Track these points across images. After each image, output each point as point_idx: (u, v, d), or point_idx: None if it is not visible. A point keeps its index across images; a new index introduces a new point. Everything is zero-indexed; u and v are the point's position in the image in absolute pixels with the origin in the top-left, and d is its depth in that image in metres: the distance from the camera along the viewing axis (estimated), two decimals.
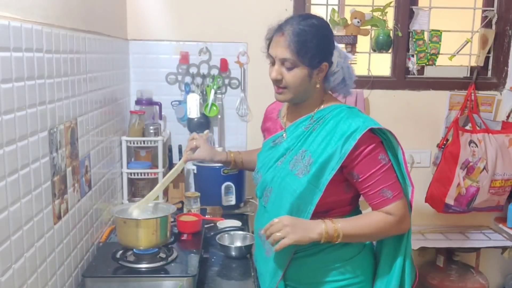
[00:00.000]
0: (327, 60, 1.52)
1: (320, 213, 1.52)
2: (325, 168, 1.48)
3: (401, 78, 2.78)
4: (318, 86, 1.54)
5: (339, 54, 1.55)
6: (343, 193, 1.56)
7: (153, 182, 2.44)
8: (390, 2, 2.70)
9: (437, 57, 2.77)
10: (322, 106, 1.58)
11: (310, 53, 1.47)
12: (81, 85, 1.72)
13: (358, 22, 2.65)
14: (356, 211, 1.65)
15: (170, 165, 2.55)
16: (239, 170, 2.50)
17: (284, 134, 1.63)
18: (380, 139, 1.51)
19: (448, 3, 2.79)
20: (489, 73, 2.86)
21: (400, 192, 1.51)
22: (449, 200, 2.63)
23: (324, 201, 1.50)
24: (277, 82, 1.53)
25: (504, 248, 2.76)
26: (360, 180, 1.49)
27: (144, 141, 2.39)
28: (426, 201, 2.74)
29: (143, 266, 1.69)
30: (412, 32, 2.75)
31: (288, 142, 1.59)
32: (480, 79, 2.81)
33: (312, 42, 1.47)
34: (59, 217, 1.52)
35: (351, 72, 1.60)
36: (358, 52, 2.69)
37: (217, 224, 2.27)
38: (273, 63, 1.53)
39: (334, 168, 1.47)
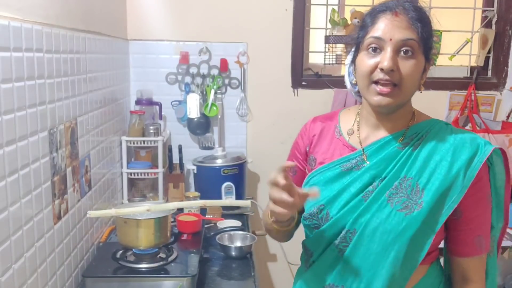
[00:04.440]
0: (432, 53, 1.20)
1: None
2: (444, 201, 1.14)
3: None
4: (422, 88, 1.22)
5: None
6: (443, 232, 1.21)
7: (153, 182, 2.44)
8: None
9: (437, 57, 2.76)
10: (416, 120, 1.24)
11: (431, 38, 1.17)
12: (81, 85, 1.72)
13: (358, 22, 2.64)
14: (438, 256, 1.30)
15: (170, 165, 2.55)
16: (239, 170, 2.51)
17: (363, 156, 1.23)
18: (488, 167, 1.20)
19: (448, 3, 2.78)
20: (489, 73, 2.86)
21: (489, 242, 1.23)
22: None
23: None
24: (389, 75, 1.12)
25: (504, 248, 2.76)
26: (461, 219, 1.17)
27: (144, 141, 2.39)
28: None
29: (143, 266, 1.68)
30: None
31: (376, 167, 1.19)
32: (480, 79, 2.81)
33: (430, 25, 1.17)
34: (59, 217, 1.52)
35: None
36: None
37: (217, 224, 2.27)
38: (374, 50, 1.15)
39: (456, 200, 1.13)
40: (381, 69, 1.12)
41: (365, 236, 1.16)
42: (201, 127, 2.62)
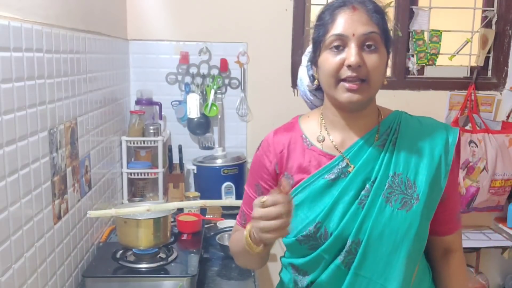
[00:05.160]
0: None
1: None
2: (434, 188, 1.14)
3: (401, 78, 2.78)
4: (385, 82, 1.17)
5: None
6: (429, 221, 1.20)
7: (153, 182, 2.44)
8: (390, 2, 2.70)
9: (437, 57, 2.77)
10: (383, 115, 1.22)
11: (388, 29, 1.15)
12: (81, 85, 1.72)
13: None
14: None
15: (170, 165, 2.55)
16: (239, 170, 2.51)
17: (346, 161, 1.16)
18: None
19: (448, 3, 2.79)
20: (489, 73, 2.86)
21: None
22: None
23: None
24: (356, 71, 1.09)
25: (504, 248, 2.75)
26: (445, 201, 1.18)
27: (144, 141, 2.39)
28: None
29: (143, 266, 1.69)
30: (412, 32, 2.75)
31: (363, 170, 1.15)
32: (480, 79, 2.81)
33: (386, 16, 1.16)
34: (59, 217, 1.52)
35: None
36: None
37: (217, 224, 2.27)
38: (337, 48, 1.11)
39: (442, 186, 1.15)
40: (349, 66, 1.09)
41: (371, 243, 1.11)
42: (201, 127, 2.62)
